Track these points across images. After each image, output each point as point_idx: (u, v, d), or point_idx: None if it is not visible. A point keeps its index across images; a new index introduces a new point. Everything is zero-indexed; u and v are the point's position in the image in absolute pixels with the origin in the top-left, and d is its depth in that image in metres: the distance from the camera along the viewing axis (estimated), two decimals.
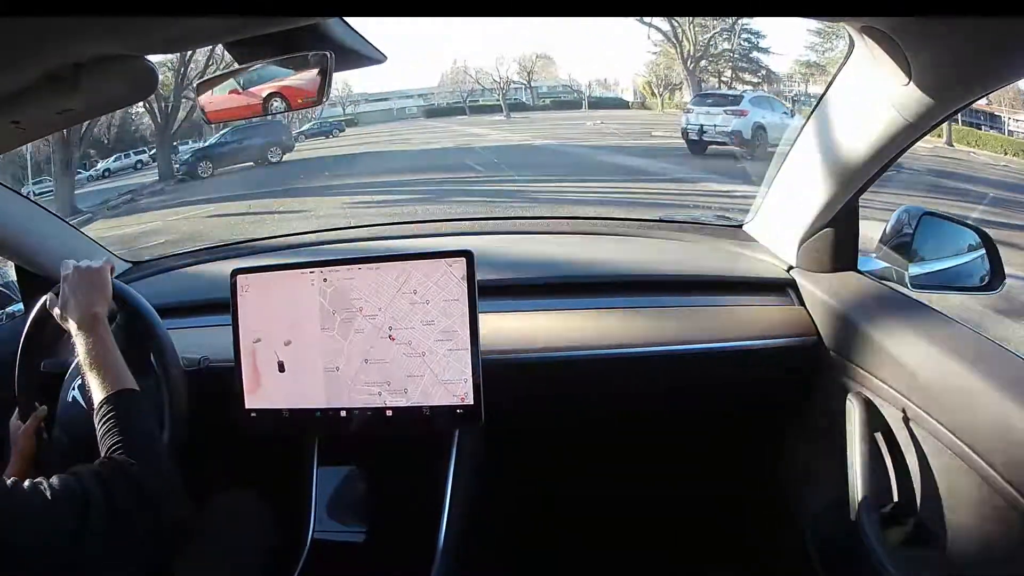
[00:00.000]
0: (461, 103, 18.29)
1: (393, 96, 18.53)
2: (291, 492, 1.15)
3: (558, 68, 18.48)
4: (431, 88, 18.82)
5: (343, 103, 17.46)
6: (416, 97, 18.76)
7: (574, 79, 18.40)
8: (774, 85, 14.71)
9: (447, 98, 18.67)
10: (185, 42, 0.72)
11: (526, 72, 17.89)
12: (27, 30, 0.57)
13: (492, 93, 17.90)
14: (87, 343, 0.86)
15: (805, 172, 1.09)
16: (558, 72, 18.46)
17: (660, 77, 15.82)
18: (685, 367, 1.16)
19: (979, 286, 1.06)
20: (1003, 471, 0.74)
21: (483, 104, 17.97)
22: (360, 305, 1.06)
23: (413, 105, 18.58)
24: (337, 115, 17.02)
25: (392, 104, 18.55)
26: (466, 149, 11.59)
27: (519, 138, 12.91)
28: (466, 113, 17.83)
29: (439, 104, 18.67)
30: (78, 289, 0.91)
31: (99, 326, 0.88)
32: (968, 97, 0.77)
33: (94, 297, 0.90)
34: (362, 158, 12.05)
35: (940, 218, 1.09)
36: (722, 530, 1.37)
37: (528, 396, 1.16)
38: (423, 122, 17.26)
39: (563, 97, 18.17)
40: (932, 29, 0.67)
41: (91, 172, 12.52)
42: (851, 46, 0.84)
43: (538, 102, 17.98)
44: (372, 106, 18.22)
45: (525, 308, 1.21)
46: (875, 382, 0.97)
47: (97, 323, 0.88)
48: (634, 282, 1.26)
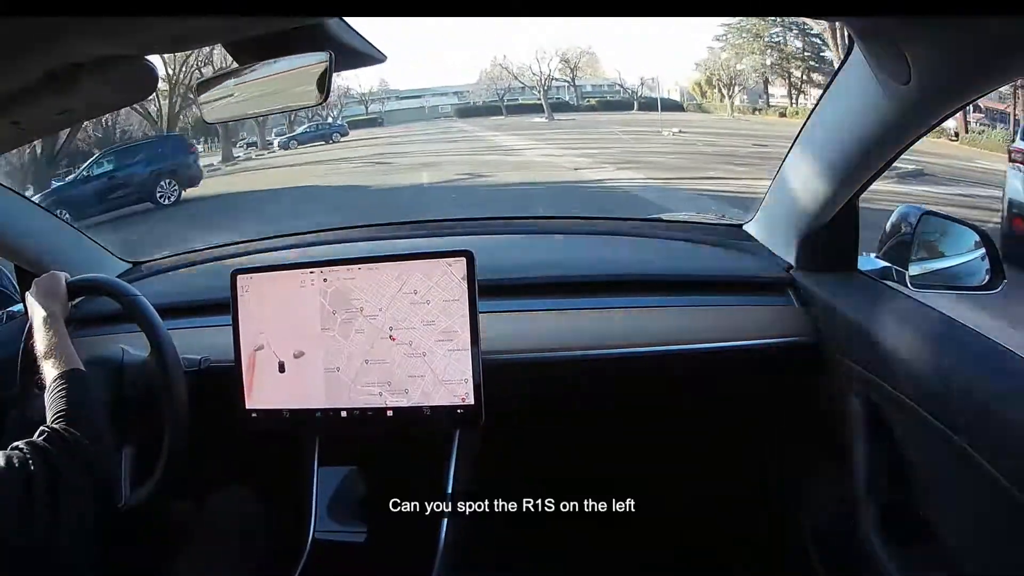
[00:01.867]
0: (498, 102, 16.24)
1: (427, 93, 16.84)
2: (292, 492, 1.15)
3: (602, 65, 16.33)
4: (469, 85, 16.78)
5: (366, 100, 16.22)
6: (451, 95, 16.91)
7: (620, 77, 16.07)
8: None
9: (484, 96, 16.62)
10: (185, 42, 0.72)
11: (569, 68, 15.61)
12: (27, 30, 0.57)
13: (533, 92, 15.84)
14: (43, 339, 0.97)
15: (805, 172, 1.09)
16: (603, 69, 16.31)
17: (730, 74, 13.41)
18: (685, 367, 1.16)
19: (979, 286, 1.06)
20: (1003, 471, 0.74)
21: (522, 103, 16.00)
22: (360, 305, 1.06)
23: (447, 104, 16.84)
24: (358, 114, 15.87)
25: (424, 102, 16.84)
26: (486, 188, 7.17)
27: (566, 157, 8.87)
28: (503, 113, 15.91)
29: (474, 103, 16.68)
30: (37, 295, 1.05)
31: (54, 324, 0.99)
32: (968, 97, 0.77)
33: (49, 300, 1.03)
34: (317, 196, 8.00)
35: (940, 217, 1.09)
36: (722, 530, 1.37)
37: (528, 396, 1.16)
38: (449, 124, 15.34)
39: (608, 96, 16.06)
40: (932, 29, 0.67)
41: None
42: (851, 46, 0.84)
43: (582, 101, 16.07)
44: (402, 103, 16.77)
45: (525, 308, 1.21)
46: (875, 382, 0.97)
47: (52, 322, 1.00)
48: (634, 282, 1.26)
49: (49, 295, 1.04)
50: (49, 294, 1.04)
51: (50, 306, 1.02)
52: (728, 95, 13.53)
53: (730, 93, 13.47)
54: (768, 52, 13.32)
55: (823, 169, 1.03)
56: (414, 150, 11.98)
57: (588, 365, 1.14)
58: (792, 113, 12.56)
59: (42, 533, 0.73)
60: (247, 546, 1.10)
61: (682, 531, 1.35)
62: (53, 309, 1.01)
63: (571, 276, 1.27)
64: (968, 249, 1.08)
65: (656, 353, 1.14)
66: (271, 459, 1.22)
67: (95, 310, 1.34)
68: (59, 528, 0.74)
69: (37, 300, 1.03)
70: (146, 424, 1.08)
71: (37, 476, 0.74)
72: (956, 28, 0.64)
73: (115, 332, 1.25)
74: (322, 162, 11.91)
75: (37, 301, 1.03)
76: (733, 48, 13.44)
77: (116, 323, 1.26)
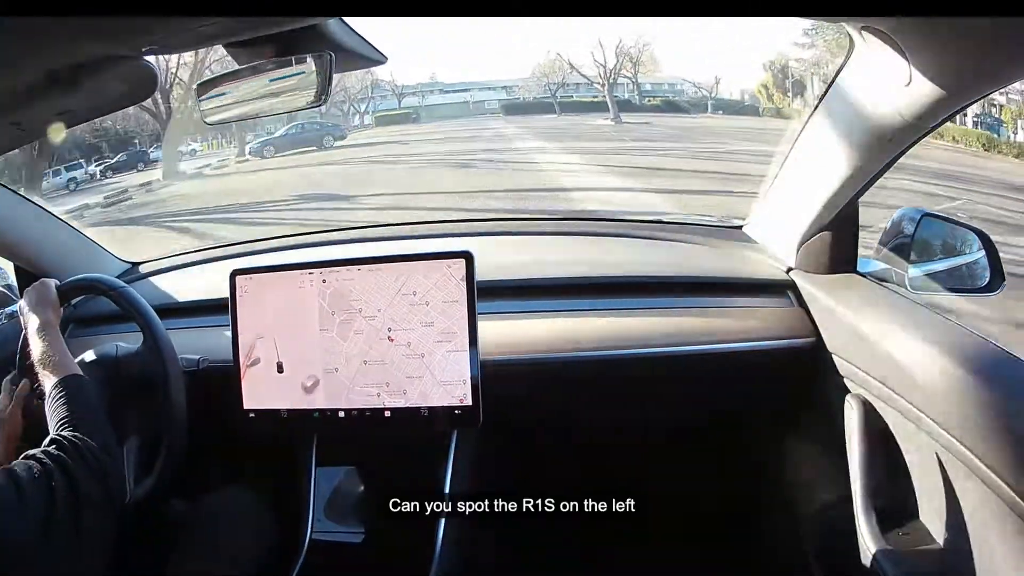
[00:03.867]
0: (550, 98, 13.86)
1: (473, 88, 15.15)
2: (290, 492, 1.15)
3: (659, 61, 14.27)
4: (519, 80, 14.73)
5: (399, 93, 14.62)
6: (498, 89, 14.99)
7: (681, 75, 13.99)
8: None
9: (534, 92, 14.37)
10: (185, 42, 0.73)
11: (630, 62, 13.34)
12: (27, 30, 0.57)
13: (589, 88, 13.58)
14: (38, 346, 0.97)
15: (805, 173, 1.09)
16: (661, 66, 14.23)
17: (822, 75, 10.78)
18: (685, 368, 1.16)
19: (979, 287, 1.06)
20: (1003, 471, 0.74)
21: (578, 100, 13.66)
22: (359, 306, 1.06)
23: (494, 99, 14.96)
24: (391, 108, 14.33)
25: (469, 96, 15.10)
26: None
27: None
28: (556, 111, 13.49)
29: (523, 99, 14.42)
30: (29, 304, 1.05)
31: (48, 331, 1.00)
32: (968, 97, 0.77)
33: (42, 307, 1.04)
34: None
35: (940, 219, 1.09)
36: (722, 530, 1.37)
37: (527, 397, 1.16)
38: (484, 125, 12.86)
39: (671, 96, 13.92)
40: (932, 29, 0.67)
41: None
42: (851, 46, 0.84)
43: (644, 101, 13.77)
44: (446, 97, 15.13)
45: (524, 309, 1.21)
46: (875, 383, 0.97)
47: (46, 329, 1.00)
48: (634, 283, 1.26)
49: (41, 302, 1.05)
50: (41, 301, 1.05)
51: (43, 313, 1.02)
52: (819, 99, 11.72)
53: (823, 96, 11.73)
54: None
55: (823, 170, 1.03)
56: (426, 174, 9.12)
57: (587, 367, 1.14)
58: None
59: (65, 543, 0.72)
60: (244, 546, 1.09)
61: (681, 531, 1.35)
62: (46, 316, 1.02)
63: (570, 278, 1.27)
64: (968, 251, 1.08)
65: (655, 354, 1.14)
66: (269, 459, 1.22)
67: (94, 310, 1.34)
68: (81, 538, 0.74)
69: (30, 309, 1.04)
70: (145, 416, 1.08)
71: (58, 487, 0.74)
72: (956, 28, 0.64)
73: (114, 331, 1.25)
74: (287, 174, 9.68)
75: (30, 310, 1.03)
76: (826, 45, 10.94)
77: (115, 322, 1.26)
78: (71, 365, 0.94)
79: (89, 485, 0.77)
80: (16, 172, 9.19)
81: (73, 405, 0.87)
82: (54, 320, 1.03)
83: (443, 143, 11.29)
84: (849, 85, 0.92)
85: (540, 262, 1.35)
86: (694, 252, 1.39)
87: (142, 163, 11.93)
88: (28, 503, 0.71)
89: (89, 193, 10.57)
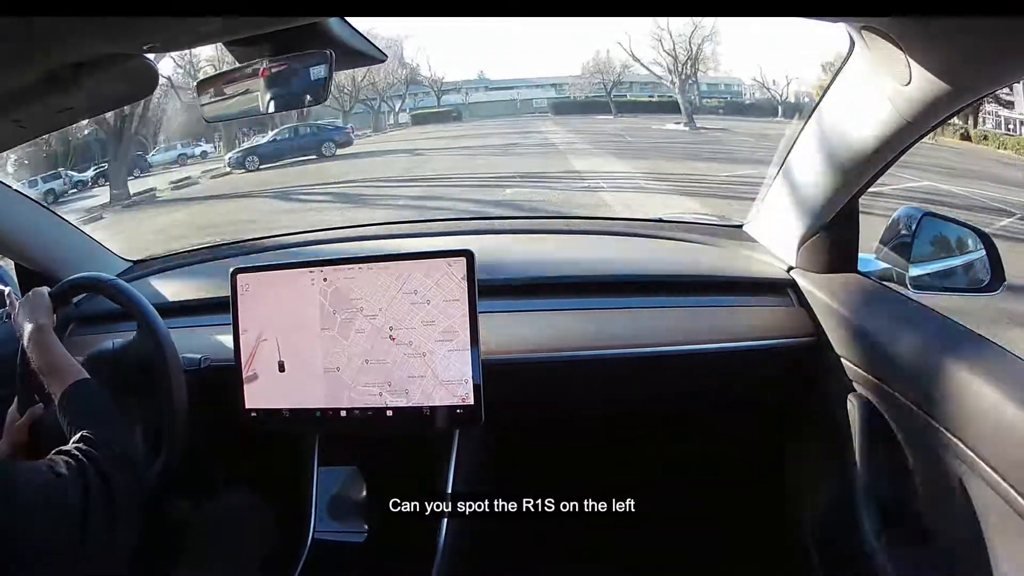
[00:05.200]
0: (604, 97, 12.45)
1: (520, 85, 13.88)
2: (291, 492, 1.15)
3: (721, 58, 12.64)
4: (570, 77, 13.33)
5: (438, 90, 13.50)
6: (547, 87, 13.82)
7: (734, 74, 12.34)
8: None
9: (586, 89, 12.96)
10: (185, 42, 0.73)
11: (690, 60, 11.42)
12: (27, 30, 0.57)
13: (646, 87, 12.05)
14: (36, 352, 0.97)
15: (805, 172, 1.09)
16: (721, 63, 12.57)
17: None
18: (685, 367, 1.16)
19: (979, 287, 1.06)
20: (1003, 471, 0.74)
21: (635, 100, 12.23)
22: (361, 305, 1.06)
23: (542, 96, 13.74)
24: (429, 106, 13.24)
25: (516, 94, 13.87)
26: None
27: None
28: (612, 111, 12.01)
29: (575, 97, 13.11)
30: (23, 313, 1.06)
31: (43, 335, 1.00)
32: (968, 97, 0.77)
33: (34, 313, 1.04)
34: None
35: (941, 219, 1.09)
36: (722, 529, 1.37)
37: (528, 396, 1.16)
38: (536, 127, 11.10)
39: (730, 97, 12.31)
40: (932, 29, 0.67)
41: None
42: (851, 46, 0.84)
43: (705, 102, 12.29)
44: (492, 95, 14.01)
45: (525, 308, 1.21)
46: (875, 382, 0.97)
47: (41, 333, 1.00)
48: (634, 282, 1.26)
49: (35, 309, 1.05)
50: (35, 308, 1.05)
51: (37, 319, 1.03)
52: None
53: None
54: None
55: (823, 170, 1.03)
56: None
57: (588, 366, 1.14)
58: (979, 137, 9.21)
59: (102, 535, 0.74)
60: (247, 546, 1.10)
61: (682, 531, 1.35)
62: (41, 322, 1.03)
63: (570, 276, 1.27)
64: (969, 250, 1.08)
65: (656, 354, 1.14)
66: (271, 459, 1.22)
67: (93, 310, 1.34)
68: (115, 536, 0.75)
69: (25, 317, 1.04)
70: (147, 403, 1.07)
71: (92, 485, 0.75)
72: (956, 28, 0.64)
73: (115, 330, 1.26)
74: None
75: (25, 318, 1.04)
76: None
77: (115, 321, 1.26)
78: (76, 369, 0.95)
79: (119, 477, 0.78)
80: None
81: (88, 407, 0.89)
82: (48, 324, 1.03)
83: (472, 157, 8.90)
84: (849, 85, 0.92)
85: (541, 261, 1.35)
86: (695, 251, 1.39)
87: (138, 169, 10.41)
88: (68, 495, 0.73)
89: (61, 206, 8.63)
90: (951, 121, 8.31)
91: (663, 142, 8.66)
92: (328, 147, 9.63)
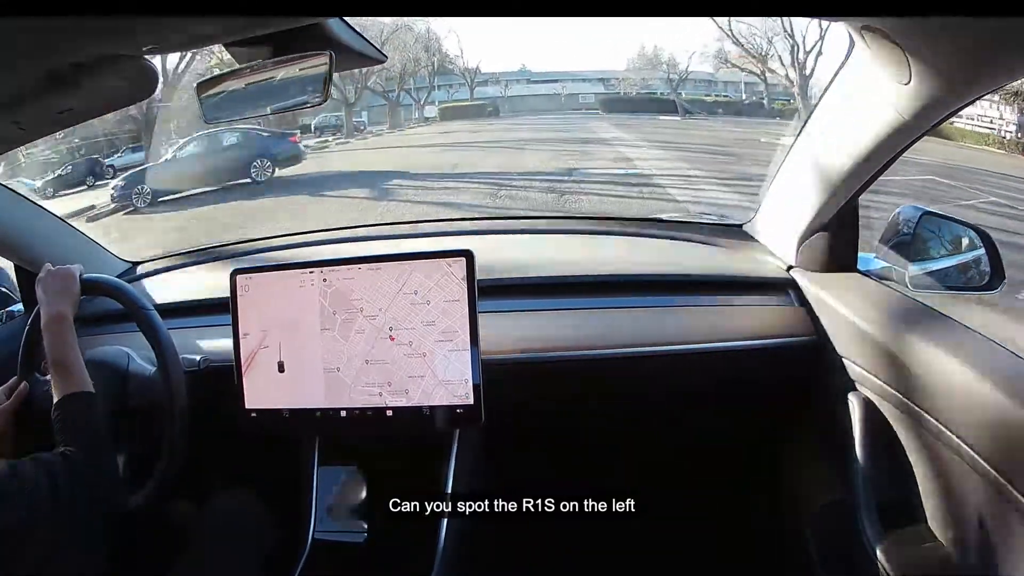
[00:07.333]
0: (670, 94, 10.62)
1: (565, 78, 12.23)
2: (291, 492, 1.15)
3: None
4: (619, 72, 11.72)
5: (471, 81, 11.87)
6: (595, 81, 12.04)
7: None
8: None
9: (637, 85, 11.20)
10: (185, 42, 0.73)
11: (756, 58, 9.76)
12: (27, 30, 0.57)
13: (726, 86, 10.36)
14: (52, 341, 0.95)
15: (805, 172, 1.09)
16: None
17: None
18: (685, 367, 1.16)
19: (979, 286, 1.06)
20: (1003, 471, 0.74)
21: (698, 98, 10.39)
22: (360, 305, 1.06)
23: (590, 92, 12.12)
24: (462, 99, 11.88)
25: (560, 89, 12.28)
26: None
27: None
28: (678, 112, 10.28)
29: (626, 93, 11.33)
30: (48, 290, 1.01)
31: (64, 326, 0.97)
32: (968, 97, 0.77)
33: (61, 298, 1.00)
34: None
35: (940, 217, 1.09)
36: (723, 529, 1.37)
37: (528, 396, 1.16)
38: (586, 129, 9.36)
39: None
40: (932, 29, 0.67)
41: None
42: (851, 46, 0.84)
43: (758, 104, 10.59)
44: (533, 88, 12.41)
45: (525, 308, 1.21)
46: (875, 382, 0.97)
47: (62, 322, 0.97)
48: (634, 282, 1.26)
49: (63, 293, 1.01)
50: (63, 292, 1.01)
51: (61, 306, 0.99)
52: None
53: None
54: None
55: (823, 169, 1.04)
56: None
57: (588, 365, 1.14)
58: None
59: (52, 538, 0.79)
60: (247, 546, 1.09)
61: (682, 531, 1.35)
62: (64, 310, 0.99)
63: (571, 276, 1.27)
64: (968, 249, 1.08)
65: (656, 353, 1.14)
66: (271, 459, 1.22)
67: (92, 310, 1.33)
68: (72, 534, 0.80)
69: (49, 297, 1.00)
70: (146, 432, 1.09)
71: (42, 501, 0.79)
72: (956, 28, 0.64)
73: (113, 331, 1.25)
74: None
75: (49, 298, 1.00)
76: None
77: (114, 322, 1.26)
78: (83, 379, 0.94)
79: (78, 505, 0.82)
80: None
81: (81, 423, 0.90)
82: (71, 315, 1.00)
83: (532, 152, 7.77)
84: (849, 84, 0.92)
85: (541, 261, 1.35)
86: (695, 251, 1.39)
87: (92, 176, 8.81)
88: (25, 496, 0.77)
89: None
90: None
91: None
92: (260, 167, 6.19)
